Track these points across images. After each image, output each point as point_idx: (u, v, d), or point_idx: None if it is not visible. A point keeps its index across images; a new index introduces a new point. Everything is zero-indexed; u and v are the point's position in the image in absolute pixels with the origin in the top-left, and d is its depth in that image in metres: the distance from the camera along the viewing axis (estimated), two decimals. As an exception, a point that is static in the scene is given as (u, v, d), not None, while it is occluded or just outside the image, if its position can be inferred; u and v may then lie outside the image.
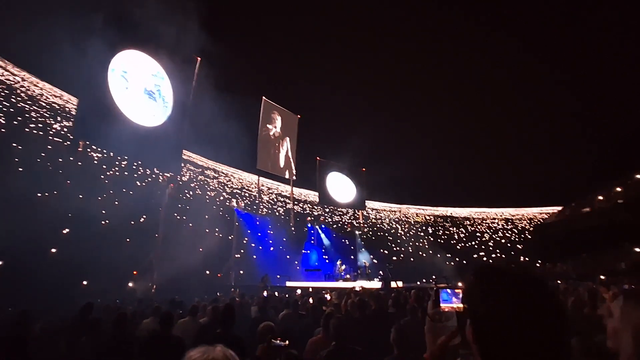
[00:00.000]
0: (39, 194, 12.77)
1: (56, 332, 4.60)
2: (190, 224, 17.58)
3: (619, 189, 26.33)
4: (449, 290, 1.17)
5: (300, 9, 36.52)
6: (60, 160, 14.77)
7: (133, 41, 14.92)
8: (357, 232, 27.95)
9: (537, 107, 41.24)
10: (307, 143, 26.08)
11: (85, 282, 11.94)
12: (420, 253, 27.43)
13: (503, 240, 31.50)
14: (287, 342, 2.52)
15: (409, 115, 39.63)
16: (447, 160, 40.82)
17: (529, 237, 30.74)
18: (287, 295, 9.65)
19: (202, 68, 17.61)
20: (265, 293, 10.54)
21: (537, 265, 26.65)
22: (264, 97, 22.70)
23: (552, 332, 0.68)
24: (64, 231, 12.90)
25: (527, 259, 28.12)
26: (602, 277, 15.79)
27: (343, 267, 18.48)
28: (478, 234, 32.41)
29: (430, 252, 26.83)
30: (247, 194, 26.22)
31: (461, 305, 1.01)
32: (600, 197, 27.63)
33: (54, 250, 12.26)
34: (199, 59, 17.53)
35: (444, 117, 40.41)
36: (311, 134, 27.40)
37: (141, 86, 15.37)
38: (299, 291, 11.26)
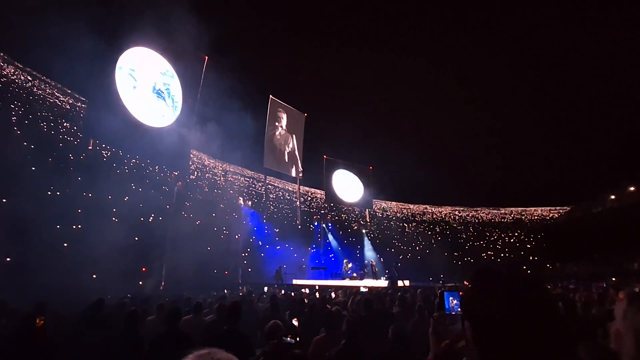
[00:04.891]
0: (49, 192, 13.00)
1: (66, 327, 4.69)
2: (198, 222, 17.74)
3: (632, 189, 25.83)
4: (451, 297, 1.17)
5: (308, 7, 36.46)
6: (71, 157, 15.01)
7: (141, 38, 15.00)
8: (363, 231, 27.91)
9: (545, 104, 40.62)
10: (314, 141, 26.12)
11: (94, 276, 12.13)
12: (428, 252, 27.27)
13: (512, 240, 31.14)
14: (297, 339, 2.55)
15: (417, 113, 39.33)
16: (455, 159, 40.46)
17: (539, 236, 30.34)
18: (292, 294, 9.68)
19: (210, 66, 17.73)
20: (265, 289, 10.62)
21: (548, 265, 26.31)
22: (271, 96, 22.76)
23: (549, 332, 0.69)
24: (74, 227, 13.13)
25: (536, 258, 27.78)
26: (613, 278, 15.52)
27: (349, 265, 18.51)
28: (487, 233, 32.10)
29: (438, 251, 26.64)
30: (254, 192, 26.35)
31: None
32: (613, 197, 27.14)
33: (65, 245, 12.50)
34: (206, 57, 17.64)
35: (452, 115, 40.03)
36: (318, 132, 27.42)
37: (149, 85, 15.48)
38: (307, 290, 11.31)
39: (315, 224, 26.26)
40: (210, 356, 0.80)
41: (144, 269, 14.94)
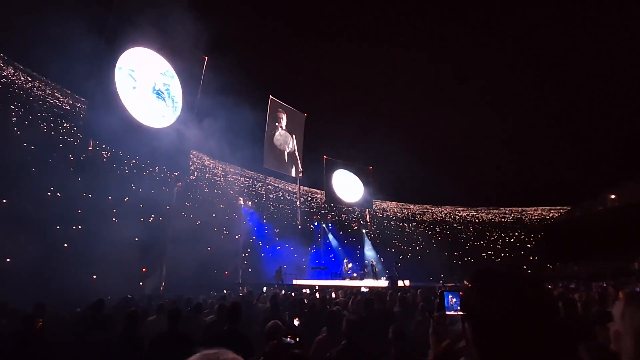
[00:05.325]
0: (49, 193, 13.01)
1: (66, 327, 4.69)
2: (198, 222, 17.74)
3: (632, 187, 25.83)
4: (450, 296, 1.17)
5: (308, 7, 36.45)
6: (71, 157, 15.01)
7: (140, 39, 14.97)
8: (363, 231, 27.91)
9: (546, 104, 40.62)
10: (314, 141, 26.13)
11: (94, 276, 12.16)
12: (428, 252, 27.26)
13: (512, 240, 31.15)
14: (297, 339, 2.55)
15: (417, 113, 39.34)
16: (455, 159, 40.44)
17: (539, 236, 30.34)
18: (292, 294, 9.68)
19: (210, 67, 17.73)
20: (264, 288, 10.62)
21: (548, 265, 26.30)
22: (271, 96, 22.77)
23: (549, 332, 0.69)
24: (74, 227, 13.14)
25: (536, 258, 27.77)
26: (612, 282, 15.51)
27: (350, 265, 18.51)
28: (487, 233, 32.10)
29: (438, 251, 26.64)
30: (254, 193, 26.36)
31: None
32: (613, 196, 27.13)
33: (65, 245, 12.51)
34: (206, 57, 17.64)
35: (451, 115, 40.01)
36: (318, 132, 27.43)
37: (149, 85, 15.47)
38: (307, 290, 11.30)
39: (315, 224, 26.26)
40: (217, 356, 0.80)
41: (144, 269, 14.95)
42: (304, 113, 25.25)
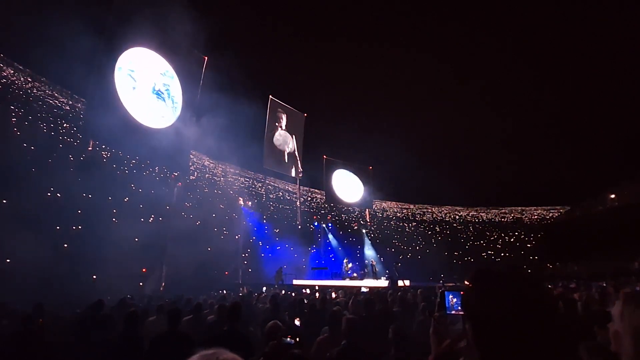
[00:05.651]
0: (49, 193, 13.01)
1: (66, 327, 4.69)
2: (198, 222, 17.74)
3: (632, 187, 25.84)
4: (451, 295, 1.17)
5: (308, 6, 36.44)
6: (71, 158, 15.01)
7: (140, 39, 14.95)
8: (363, 231, 27.91)
9: (546, 104, 40.60)
10: (314, 141, 26.12)
11: (94, 277, 12.17)
12: (428, 252, 27.26)
13: (512, 240, 31.15)
14: (297, 339, 2.55)
15: (417, 113, 39.31)
16: (455, 159, 40.42)
17: (539, 236, 30.35)
18: (293, 294, 9.68)
19: (209, 67, 17.72)
20: (264, 288, 10.62)
21: (548, 265, 26.31)
22: (270, 96, 22.76)
23: (549, 332, 0.69)
24: (74, 227, 13.14)
25: (536, 258, 27.78)
26: (613, 278, 15.52)
27: (350, 265, 18.51)
28: (487, 233, 32.10)
29: (438, 250, 26.64)
30: (254, 193, 26.36)
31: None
32: (613, 196, 27.14)
33: (65, 245, 12.51)
34: (206, 58, 17.63)
35: (451, 115, 40.00)
36: (318, 132, 27.41)
37: (149, 86, 15.46)
38: (308, 290, 11.29)
39: (315, 224, 26.26)
40: (216, 356, 0.80)
41: (144, 270, 14.95)
42: (304, 113, 25.26)
